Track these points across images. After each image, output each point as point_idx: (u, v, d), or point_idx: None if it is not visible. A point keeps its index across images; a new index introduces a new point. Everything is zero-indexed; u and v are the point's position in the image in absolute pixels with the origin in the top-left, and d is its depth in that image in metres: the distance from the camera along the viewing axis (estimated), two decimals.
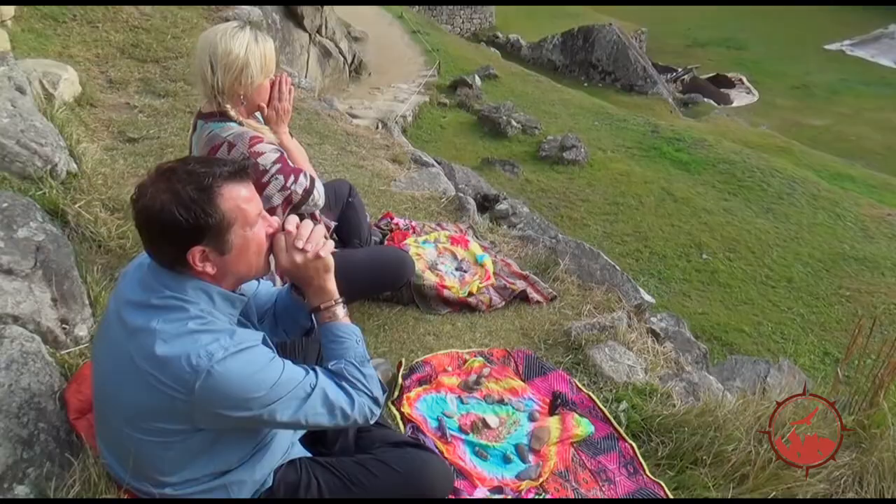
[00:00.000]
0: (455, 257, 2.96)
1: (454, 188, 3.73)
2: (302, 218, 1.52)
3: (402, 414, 2.13)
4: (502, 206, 4.36)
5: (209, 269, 1.34)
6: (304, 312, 1.66)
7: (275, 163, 2.13)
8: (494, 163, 11.19)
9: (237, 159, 1.63)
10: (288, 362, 1.38)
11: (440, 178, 3.70)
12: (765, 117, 20.11)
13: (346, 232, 2.69)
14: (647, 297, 2.88)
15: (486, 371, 2.31)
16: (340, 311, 1.53)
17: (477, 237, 3.17)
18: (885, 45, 25.70)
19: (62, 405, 1.68)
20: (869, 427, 2.06)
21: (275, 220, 1.47)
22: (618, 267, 2.96)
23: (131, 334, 1.32)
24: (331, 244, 1.50)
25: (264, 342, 1.39)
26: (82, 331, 2.03)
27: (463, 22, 22.89)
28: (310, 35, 12.22)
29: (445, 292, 2.65)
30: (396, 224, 3.07)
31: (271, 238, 1.44)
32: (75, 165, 2.89)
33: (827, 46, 25.76)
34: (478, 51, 18.38)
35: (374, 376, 1.49)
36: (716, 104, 21.02)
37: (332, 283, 1.51)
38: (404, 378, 2.26)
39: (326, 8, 13.16)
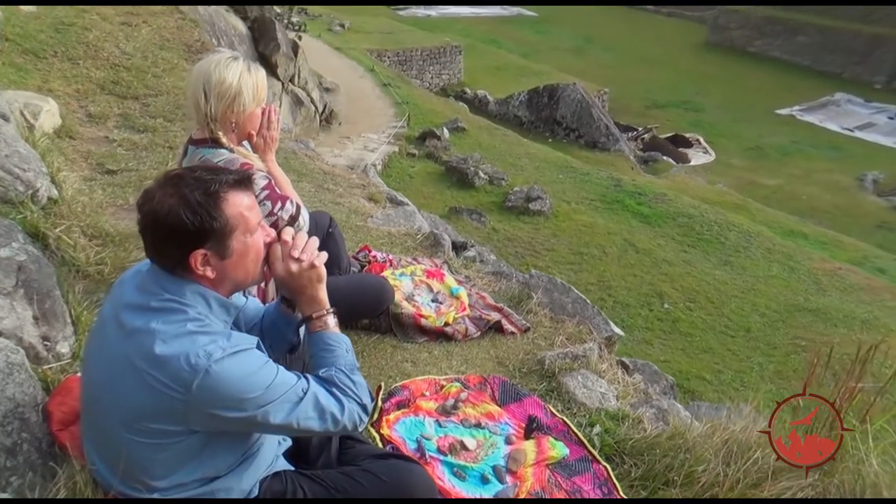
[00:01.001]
0: (431, 289, 3.03)
1: (428, 227, 3.83)
2: None
3: (381, 435, 2.16)
4: (470, 252, 4.46)
5: (209, 272, 1.39)
6: (291, 327, 1.72)
7: (263, 189, 2.19)
8: (462, 211, 11.38)
9: (241, 170, 1.70)
10: (281, 367, 1.43)
11: (416, 217, 3.80)
12: (721, 176, 20.88)
13: (325, 262, 2.75)
14: (617, 330, 2.98)
15: (462, 396, 2.36)
16: (331, 320, 1.58)
17: (452, 272, 3.26)
18: (832, 112, 27.12)
19: (45, 417, 1.68)
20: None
21: (272, 231, 1.53)
22: (588, 301, 3.07)
23: (129, 336, 1.36)
24: (324, 255, 1.57)
25: (258, 347, 1.44)
26: (64, 348, 2.04)
27: (432, 77, 23.49)
28: (282, 83, 12.43)
29: (422, 321, 2.71)
30: (374, 257, 3.14)
31: (268, 247, 1.51)
32: (56, 192, 2.91)
33: (778, 111, 27.05)
34: (446, 104, 18.83)
35: (363, 384, 1.54)
36: (674, 162, 21.78)
37: (324, 294, 1.58)
38: (383, 401, 2.30)
39: (300, 58, 13.43)
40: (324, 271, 1.56)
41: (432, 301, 2.94)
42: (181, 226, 1.33)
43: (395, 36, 24.87)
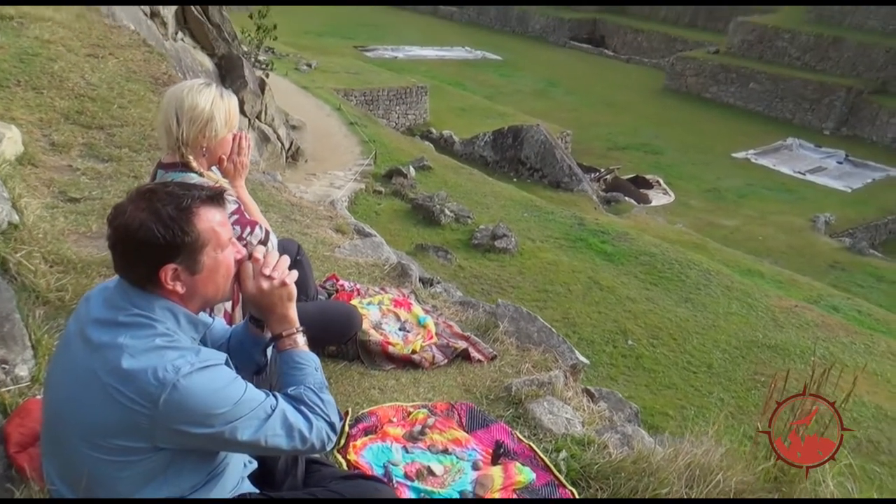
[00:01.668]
0: (398, 318, 3.04)
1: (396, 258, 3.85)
2: None
3: (348, 461, 2.15)
4: (437, 289, 4.49)
5: (179, 288, 1.39)
6: (258, 348, 1.72)
7: (232, 213, 2.20)
8: (428, 249, 11.42)
9: (213, 187, 1.71)
10: (250, 384, 1.43)
11: (383, 248, 3.82)
12: (681, 216, 21.39)
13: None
14: (582, 359, 3.02)
15: (430, 422, 2.36)
16: (301, 339, 1.59)
17: (419, 301, 3.27)
18: (785, 156, 28.16)
19: (2, 440, 1.64)
20: (788, 470, 2.21)
21: (243, 248, 1.54)
22: (553, 330, 3.11)
23: (95, 350, 1.34)
24: (295, 274, 1.58)
25: (227, 363, 1.43)
26: (23, 371, 1.99)
27: (398, 117, 23.77)
28: (249, 120, 12.46)
29: (390, 349, 2.72)
30: (341, 286, 3.15)
31: (239, 264, 1.51)
32: (17, 217, 2.86)
33: (734, 154, 27.96)
34: (412, 143, 19.04)
35: (331, 402, 1.54)
36: (636, 203, 22.26)
37: (294, 312, 1.58)
38: (350, 427, 2.29)
39: (266, 95, 13.51)
40: (294, 289, 1.57)
41: (400, 330, 2.95)
42: (152, 240, 1.33)
43: (361, 76, 25.18)
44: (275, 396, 1.46)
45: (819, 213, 22.59)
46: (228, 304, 2.17)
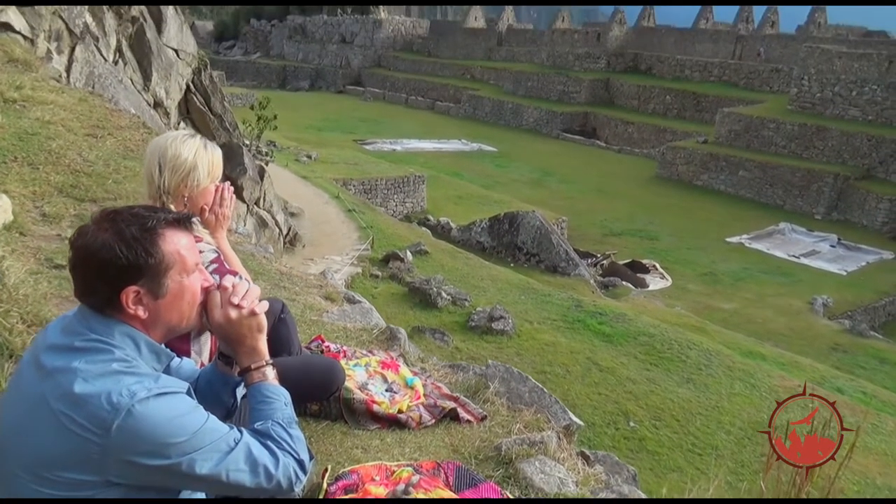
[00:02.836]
0: (385, 380, 2.95)
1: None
2: None
3: None
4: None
5: (141, 312, 1.34)
6: (228, 388, 1.64)
7: (212, 262, 2.17)
8: (425, 331, 11.29)
9: (181, 211, 1.68)
10: (212, 415, 1.34)
11: (373, 314, 3.76)
12: (678, 300, 21.34)
13: (276, 347, 2.67)
14: (576, 419, 2.89)
15: (414, 480, 2.23)
16: (271, 372, 1.52)
17: (408, 364, 3.18)
18: (778, 240, 28.43)
19: None
20: None
21: (211, 277, 1.50)
22: (546, 390, 3.00)
23: (47, 376, 1.27)
24: (265, 304, 1.53)
25: (188, 393, 1.35)
26: None
27: (396, 205, 24.15)
28: (248, 206, 12.64)
29: (375, 407, 2.61)
30: (327, 347, 3.07)
31: (206, 293, 1.46)
32: None
33: (728, 239, 28.23)
34: (410, 229, 19.24)
35: (301, 438, 1.45)
36: (633, 287, 22.26)
37: (263, 344, 1.52)
38: (329, 485, 2.16)
39: (265, 183, 13.76)
40: (264, 321, 1.51)
41: (386, 391, 2.85)
42: (114, 260, 1.29)
43: (360, 166, 25.79)
44: (239, 431, 1.38)
45: (817, 295, 22.56)
46: (205, 354, 2.10)
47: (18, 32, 7.71)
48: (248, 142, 18.80)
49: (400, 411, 2.67)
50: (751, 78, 42.82)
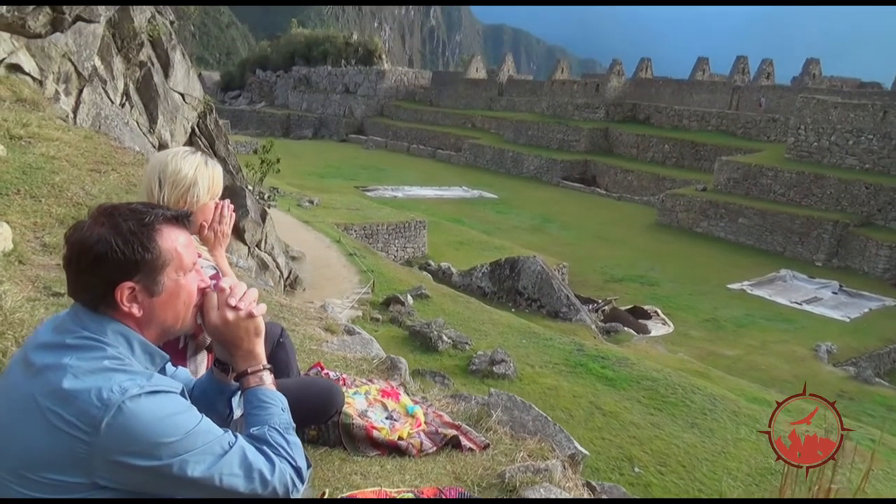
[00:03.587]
0: (385, 408, 2.88)
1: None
2: None
3: None
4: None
5: (135, 310, 1.30)
6: (223, 397, 1.59)
7: (210, 279, 2.14)
8: (425, 374, 11.14)
9: (180, 209, 1.65)
10: (206, 417, 1.29)
11: (373, 344, 3.70)
12: (681, 346, 21.14)
13: (274, 372, 2.62)
14: (581, 449, 2.81)
15: None
16: (268, 377, 1.47)
17: (408, 393, 3.12)
18: (780, 287, 28.36)
19: None
20: None
21: (208, 278, 1.46)
22: (549, 419, 2.93)
23: (37, 374, 1.22)
24: (263, 307, 1.49)
25: (182, 394, 1.31)
26: None
27: (397, 250, 24.18)
28: (249, 248, 12.65)
29: (374, 433, 2.54)
30: (326, 374, 3.01)
31: (202, 294, 1.43)
32: None
33: (729, 286, 28.16)
34: (411, 274, 19.21)
35: (298, 444, 1.40)
36: (635, 333, 22.09)
37: (261, 349, 1.48)
38: None
39: (267, 225, 13.82)
40: (262, 324, 1.48)
41: (386, 418, 2.78)
42: (110, 254, 1.26)
43: (362, 212, 25.94)
44: (235, 435, 1.32)
45: (820, 342, 22.37)
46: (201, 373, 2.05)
47: (28, 74, 7.84)
48: (251, 186, 18.95)
49: (400, 438, 2.59)
50: (748, 127, 43.46)
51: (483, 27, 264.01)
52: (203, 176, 2.19)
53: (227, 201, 2.35)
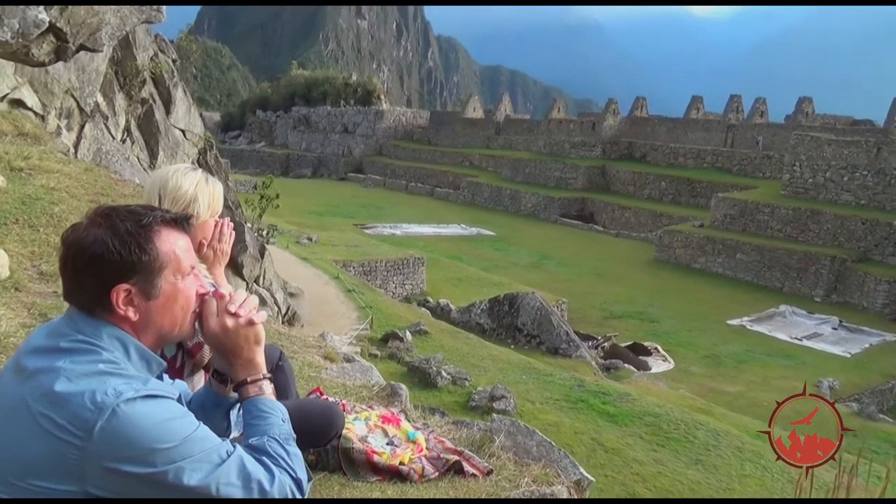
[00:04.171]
0: (386, 434, 2.81)
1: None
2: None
3: None
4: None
5: (132, 314, 1.27)
6: (221, 411, 1.55)
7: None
8: (425, 411, 10.99)
9: (180, 212, 1.63)
10: (203, 424, 1.25)
11: (373, 372, 3.65)
12: (682, 383, 20.95)
13: (274, 394, 2.57)
14: (588, 475, 2.74)
15: None
16: (268, 386, 1.43)
17: (409, 420, 3.05)
18: (779, 322, 28.26)
19: None
20: None
21: (207, 284, 1.44)
22: (554, 444, 2.86)
23: (29, 377, 1.19)
24: (263, 314, 1.46)
25: (179, 401, 1.27)
26: None
27: (396, 287, 24.13)
28: (247, 283, 12.60)
29: (375, 458, 2.48)
30: (325, 400, 2.94)
31: (201, 299, 1.40)
32: None
33: (729, 322, 28.06)
34: (409, 310, 19.13)
35: (298, 456, 1.35)
36: (636, 370, 21.92)
37: (261, 357, 1.44)
38: None
39: (265, 261, 13.80)
40: (262, 332, 1.44)
41: (387, 444, 2.71)
42: (106, 255, 1.23)
43: (360, 248, 25.96)
44: (233, 444, 1.28)
45: (822, 378, 22.18)
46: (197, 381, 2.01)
47: (30, 109, 7.91)
48: (250, 224, 18.98)
49: (402, 463, 2.53)
50: (744, 164, 43.89)
51: (480, 68, 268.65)
52: (203, 193, 2.18)
53: (227, 219, 2.34)
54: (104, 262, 1.23)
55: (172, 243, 1.32)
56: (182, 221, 1.37)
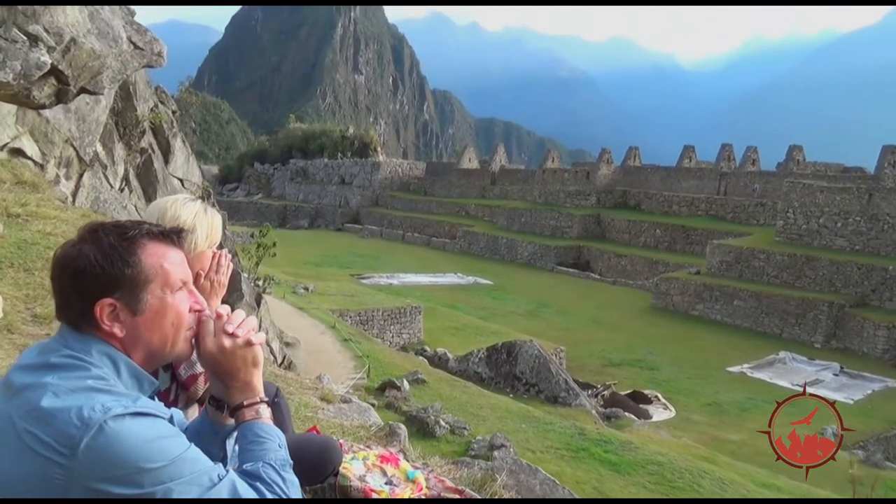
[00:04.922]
0: (384, 473, 2.73)
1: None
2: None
3: None
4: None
5: (117, 329, 1.24)
6: (217, 439, 1.49)
7: None
8: (424, 450, 10.78)
9: (172, 227, 1.60)
10: (194, 445, 1.20)
11: (370, 412, 3.57)
12: (684, 431, 20.62)
13: None
14: None
15: None
16: (265, 411, 1.38)
17: (408, 460, 2.97)
18: (780, 369, 28.01)
19: None
20: None
21: (203, 301, 1.40)
22: (558, 482, 2.78)
23: (16, 394, 1.15)
24: (262, 336, 1.42)
25: (171, 422, 1.22)
26: None
27: (393, 336, 23.95)
28: None
29: (374, 495, 2.39)
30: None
31: (198, 318, 1.36)
32: None
33: (729, 369, 27.81)
34: (406, 358, 18.94)
35: (294, 483, 1.30)
36: (636, 418, 21.60)
37: (259, 381, 1.40)
38: None
39: (262, 310, 13.71)
40: (261, 354, 1.40)
41: (386, 483, 2.63)
42: (89, 269, 1.21)
43: (357, 298, 25.86)
44: (226, 469, 1.23)
45: (826, 425, 21.81)
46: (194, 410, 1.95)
47: (30, 158, 7.97)
48: (246, 274, 18.94)
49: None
50: (737, 212, 44.24)
51: (475, 120, 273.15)
52: (202, 223, 2.17)
53: (225, 251, 2.32)
54: (87, 275, 1.21)
55: (159, 257, 1.29)
56: (172, 235, 1.35)
